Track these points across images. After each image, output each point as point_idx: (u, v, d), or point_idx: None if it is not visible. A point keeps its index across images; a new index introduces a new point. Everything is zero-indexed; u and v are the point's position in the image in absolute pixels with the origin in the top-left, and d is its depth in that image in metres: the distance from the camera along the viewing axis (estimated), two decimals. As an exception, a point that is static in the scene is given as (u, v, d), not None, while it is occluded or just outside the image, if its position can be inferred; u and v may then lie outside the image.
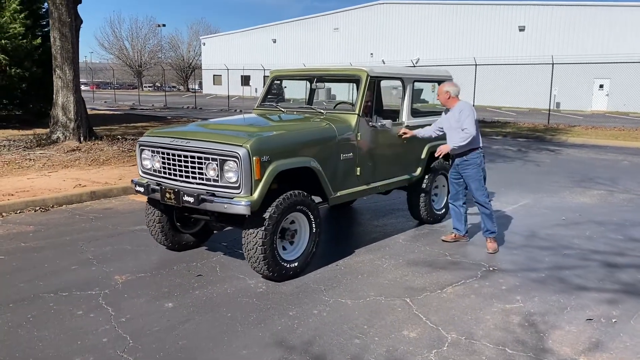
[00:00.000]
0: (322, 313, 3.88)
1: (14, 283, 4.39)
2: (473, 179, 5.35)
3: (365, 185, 5.30)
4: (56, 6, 11.40)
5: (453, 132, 5.29)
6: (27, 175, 8.54)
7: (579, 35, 33.51)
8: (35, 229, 6.00)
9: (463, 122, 5.17)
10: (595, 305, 4.06)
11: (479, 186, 5.35)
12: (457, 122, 5.23)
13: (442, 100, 5.42)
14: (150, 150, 4.74)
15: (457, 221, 5.65)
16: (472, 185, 5.38)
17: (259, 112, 5.95)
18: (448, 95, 5.32)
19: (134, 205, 7.16)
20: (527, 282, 4.54)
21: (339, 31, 46.47)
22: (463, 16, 38.68)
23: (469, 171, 5.35)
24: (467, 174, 5.38)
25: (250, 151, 4.05)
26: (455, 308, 4.00)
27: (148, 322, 3.70)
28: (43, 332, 3.55)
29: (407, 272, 4.75)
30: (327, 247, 5.40)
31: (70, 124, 11.76)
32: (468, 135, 5.14)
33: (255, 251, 4.24)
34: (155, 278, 4.55)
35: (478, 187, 5.35)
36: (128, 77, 76.51)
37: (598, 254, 5.28)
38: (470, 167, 5.33)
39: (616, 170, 10.59)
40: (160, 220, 5.02)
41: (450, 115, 5.34)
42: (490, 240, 5.39)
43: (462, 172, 5.42)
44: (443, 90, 5.35)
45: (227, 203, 4.13)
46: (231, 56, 53.23)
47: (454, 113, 5.29)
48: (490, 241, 5.39)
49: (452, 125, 5.29)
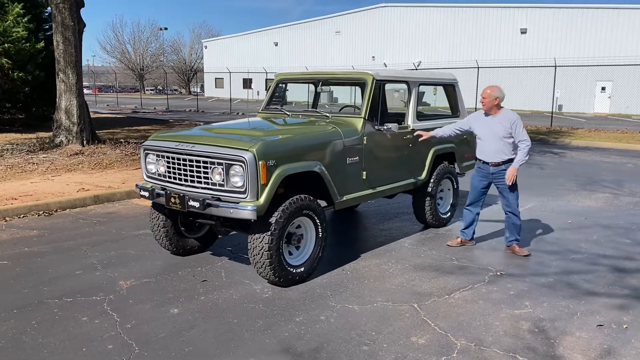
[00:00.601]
0: (329, 319, 3.84)
1: (17, 289, 4.35)
2: (512, 189, 5.21)
3: (371, 189, 5.27)
4: (59, 10, 11.40)
5: (495, 140, 5.12)
6: (30, 179, 8.52)
7: (581, 37, 33.49)
8: (39, 233, 5.97)
9: (518, 134, 5.04)
10: (605, 311, 4.01)
11: (517, 196, 5.27)
12: (505, 131, 5.07)
13: (487, 105, 5.17)
14: (155, 154, 4.71)
15: (468, 226, 5.57)
16: (510, 195, 5.24)
17: (264, 115, 5.92)
18: (497, 102, 5.13)
19: (137, 210, 7.14)
20: (535, 287, 4.50)
21: (340, 34, 46.51)
22: (465, 19, 38.68)
23: (506, 181, 5.17)
24: (503, 183, 5.20)
25: (256, 155, 4.02)
26: (464, 314, 3.95)
27: (153, 328, 3.67)
28: (48, 338, 3.51)
29: (414, 277, 4.71)
30: (333, 251, 5.36)
31: (73, 128, 11.75)
32: (528, 148, 5.05)
33: (261, 256, 4.20)
34: (160, 283, 4.51)
35: (516, 198, 5.26)
36: (130, 80, 76.68)
37: (606, 259, 5.24)
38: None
39: (621, 173, 10.54)
40: (164, 225, 4.99)
41: (496, 123, 5.13)
42: (517, 246, 5.36)
43: (498, 181, 5.24)
44: (492, 95, 5.12)
45: (232, 208, 4.10)
46: (233, 59, 53.28)
47: (502, 122, 5.10)
48: (518, 247, 5.36)
49: (497, 133, 5.11)
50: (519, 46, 36.05)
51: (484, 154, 5.30)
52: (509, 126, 5.07)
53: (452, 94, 6.59)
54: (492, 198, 7.97)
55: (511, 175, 5.12)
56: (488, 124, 5.21)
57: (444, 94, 6.73)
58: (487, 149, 5.23)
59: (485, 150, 5.26)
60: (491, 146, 5.18)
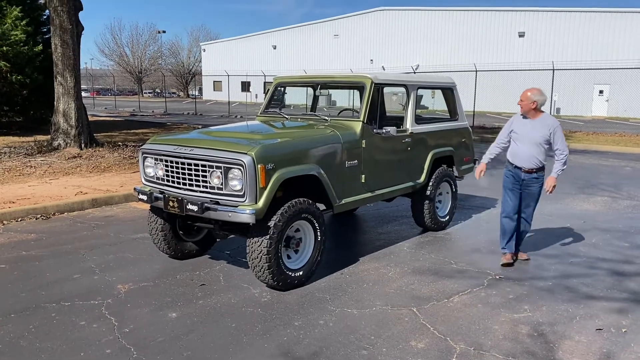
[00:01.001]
0: (328, 323, 3.83)
1: (15, 293, 4.33)
2: (536, 197, 5.09)
3: (370, 192, 5.26)
4: (57, 13, 11.40)
5: (532, 145, 4.90)
6: (28, 182, 8.49)
7: (579, 41, 33.61)
8: (37, 237, 5.95)
9: (557, 142, 4.88)
10: (604, 315, 4.01)
11: (536, 206, 5.19)
12: (542, 137, 4.86)
13: (524, 108, 4.91)
14: (154, 157, 4.71)
15: (510, 239, 5.18)
16: (533, 203, 5.11)
17: (262, 119, 5.92)
18: (535, 105, 4.85)
19: (135, 213, 7.12)
20: (534, 291, 4.49)
21: (339, 37, 46.60)
22: (463, 22, 38.80)
23: (535, 188, 5.03)
24: (532, 190, 5.03)
25: (255, 159, 4.02)
26: (463, 318, 3.94)
27: (152, 332, 3.65)
28: (45, 343, 3.49)
29: (413, 281, 4.70)
30: (331, 255, 5.35)
31: (71, 131, 11.74)
32: (566, 158, 4.92)
33: (260, 260, 4.19)
34: (158, 287, 4.49)
35: (535, 207, 5.18)
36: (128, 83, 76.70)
37: (605, 262, 5.24)
38: (537, 185, 5.03)
39: (619, 177, 10.55)
40: (163, 229, 4.97)
41: (534, 128, 4.90)
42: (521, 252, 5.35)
43: (527, 188, 5.04)
44: (530, 98, 4.84)
45: (231, 211, 4.09)
46: (231, 62, 53.32)
47: (540, 127, 4.88)
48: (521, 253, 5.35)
49: (534, 138, 4.89)
50: (516, 49, 36.17)
51: (518, 159, 5.01)
52: (547, 133, 4.86)
53: (451, 97, 6.60)
54: (491, 201, 7.97)
55: (551, 186, 4.94)
56: (526, 128, 4.95)
57: (442, 97, 6.74)
58: (522, 154, 4.97)
59: (520, 154, 4.99)
60: (527, 151, 4.93)
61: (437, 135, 6.17)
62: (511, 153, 5.11)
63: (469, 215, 7.18)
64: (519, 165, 5.01)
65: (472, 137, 6.93)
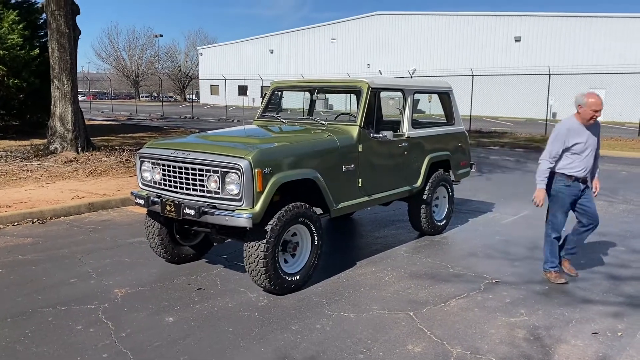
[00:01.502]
0: (325, 327, 3.83)
1: (11, 297, 4.32)
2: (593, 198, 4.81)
3: (367, 196, 5.27)
4: (54, 17, 11.41)
5: (593, 153, 4.66)
6: (24, 186, 8.48)
7: (575, 45, 33.77)
8: (33, 241, 5.94)
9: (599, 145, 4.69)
10: (600, 319, 4.02)
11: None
12: (598, 142, 4.67)
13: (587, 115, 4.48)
14: (151, 162, 4.71)
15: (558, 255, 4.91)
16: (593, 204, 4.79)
17: (259, 123, 5.93)
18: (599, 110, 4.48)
19: (132, 217, 7.11)
20: (530, 294, 4.51)
21: (336, 42, 46.74)
22: (460, 27, 38.97)
23: (589, 191, 4.76)
24: (587, 193, 4.72)
25: (252, 163, 4.02)
26: (460, 322, 3.95)
27: (149, 337, 3.65)
28: (42, 347, 3.48)
29: (409, 285, 4.71)
30: (328, 259, 5.35)
31: (68, 135, 11.72)
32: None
33: (257, 264, 4.19)
34: (155, 292, 4.49)
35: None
36: (125, 87, 76.70)
37: (601, 266, 5.26)
38: (590, 189, 4.78)
39: (615, 181, 10.59)
40: (160, 233, 4.97)
41: (593, 134, 4.62)
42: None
43: (584, 198, 4.71)
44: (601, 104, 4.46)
45: (228, 216, 4.09)
46: (228, 66, 53.39)
47: (596, 131, 4.64)
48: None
49: (593, 145, 4.64)
50: (513, 54, 36.33)
51: (583, 170, 4.62)
52: (599, 137, 4.69)
53: (447, 102, 6.62)
54: (488, 205, 8.00)
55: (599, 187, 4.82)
56: (587, 136, 4.59)
57: (438, 102, 6.76)
58: (588, 164, 4.64)
59: (587, 165, 4.63)
60: (590, 160, 4.64)
61: (433, 140, 6.19)
62: (574, 167, 4.62)
63: (465, 219, 7.19)
64: (582, 176, 4.63)
65: (468, 142, 6.96)
